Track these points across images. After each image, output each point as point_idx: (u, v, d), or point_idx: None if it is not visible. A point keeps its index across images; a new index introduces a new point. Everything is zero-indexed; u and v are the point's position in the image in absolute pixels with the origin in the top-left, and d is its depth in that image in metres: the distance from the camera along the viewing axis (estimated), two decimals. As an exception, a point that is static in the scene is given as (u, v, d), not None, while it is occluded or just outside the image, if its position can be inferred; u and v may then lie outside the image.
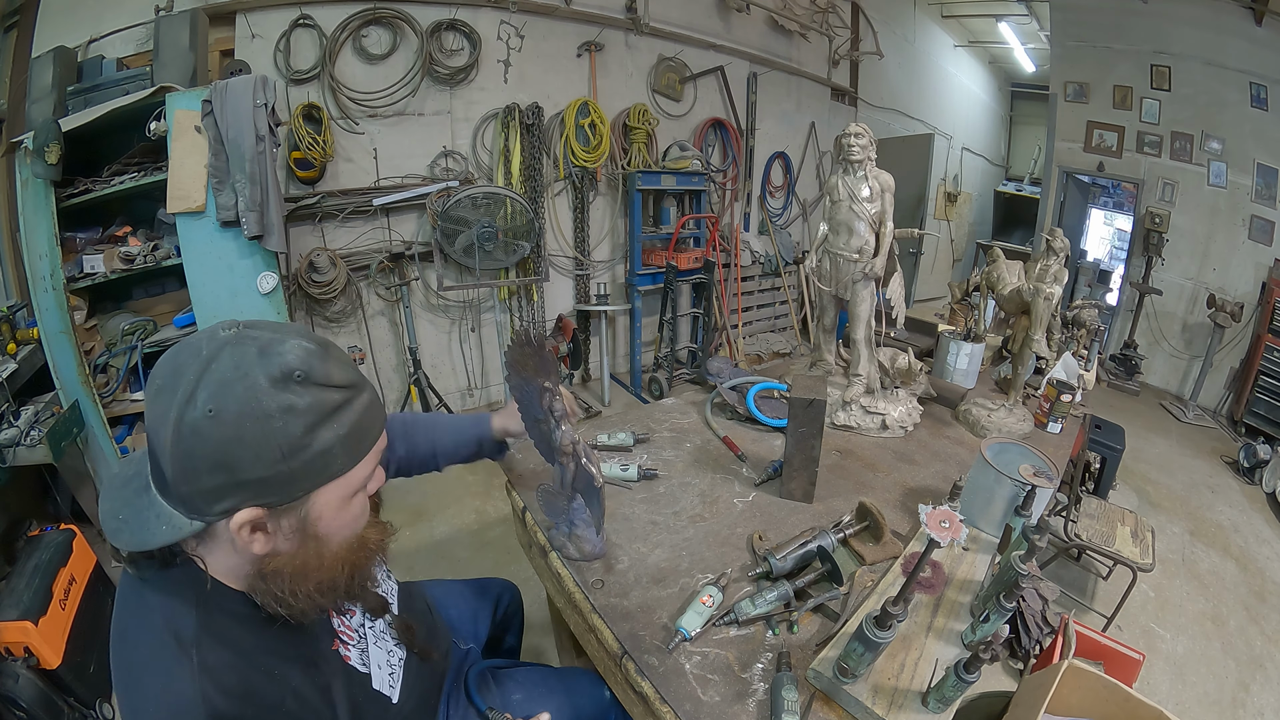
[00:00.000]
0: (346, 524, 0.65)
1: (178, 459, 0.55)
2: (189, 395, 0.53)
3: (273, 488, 0.57)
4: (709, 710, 0.87)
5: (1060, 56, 5.26)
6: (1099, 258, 6.45)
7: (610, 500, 1.32)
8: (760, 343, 4.87)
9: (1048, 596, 1.16)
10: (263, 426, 0.54)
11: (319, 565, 0.63)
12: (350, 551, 0.66)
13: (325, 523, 0.62)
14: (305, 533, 0.62)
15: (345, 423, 0.60)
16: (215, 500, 0.56)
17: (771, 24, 4.60)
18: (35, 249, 2.08)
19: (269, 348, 0.56)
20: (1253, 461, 3.56)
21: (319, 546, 0.63)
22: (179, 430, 0.53)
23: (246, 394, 0.54)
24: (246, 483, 0.55)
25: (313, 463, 0.58)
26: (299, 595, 0.62)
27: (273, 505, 0.58)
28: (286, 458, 0.56)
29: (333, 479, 0.61)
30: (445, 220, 3.09)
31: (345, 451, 0.60)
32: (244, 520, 0.57)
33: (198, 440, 0.53)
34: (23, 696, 1.46)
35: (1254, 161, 4.33)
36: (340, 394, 0.60)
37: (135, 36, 2.58)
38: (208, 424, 0.53)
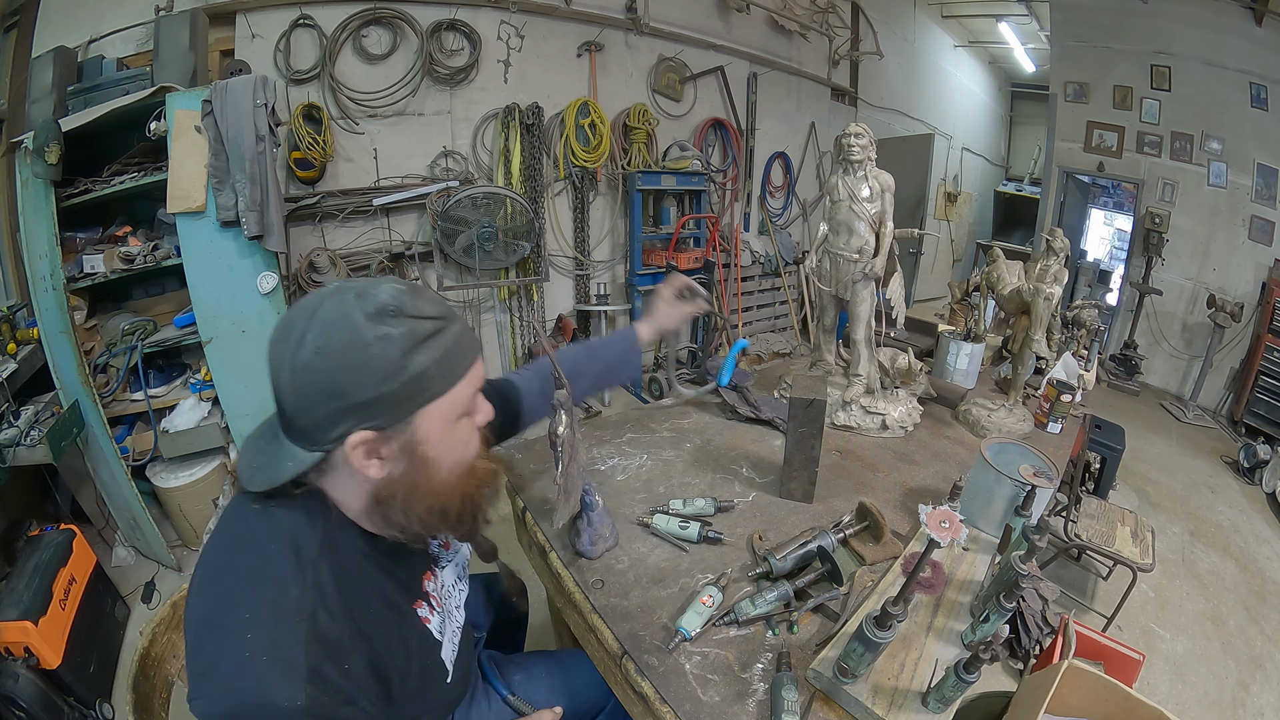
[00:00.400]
0: (454, 448, 0.70)
1: (295, 395, 0.62)
2: (300, 339, 0.61)
3: (379, 409, 0.63)
4: (709, 710, 0.87)
5: (1060, 56, 5.26)
6: (1099, 258, 6.45)
7: (610, 501, 1.32)
8: (760, 343, 4.87)
9: (1048, 596, 1.16)
10: (363, 354, 0.61)
11: (429, 488, 0.68)
12: (460, 479, 0.71)
13: (433, 445, 0.67)
14: (414, 455, 0.66)
15: (438, 347, 0.65)
16: (330, 427, 0.62)
17: (771, 24, 4.60)
18: (35, 249, 2.08)
19: (364, 291, 0.64)
20: (1253, 461, 3.56)
21: (428, 469, 0.68)
22: (294, 370, 0.61)
23: (347, 329, 0.61)
24: (355, 406, 0.62)
25: (411, 384, 0.63)
26: (412, 516, 0.68)
27: (381, 427, 0.63)
28: (387, 379, 0.62)
29: (433, 399, 0.66)
30: (445, 220, 3.09)
31: (441, 373, 0.66)
32: (357, 441, 0.63)
33: (309, 375, 0.61)
34: (23, 696, 1.46)
35: (1254, 161, 4.33)
36: (431, 324, 0.65)
37: (135, 36, 2.58)
38: (316, 359, 0.60)
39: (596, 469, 1.48)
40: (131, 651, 0.93)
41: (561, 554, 1.18)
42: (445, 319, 0.67)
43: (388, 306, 0.62)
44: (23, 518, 2.14)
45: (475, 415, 0.73)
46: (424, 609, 0.80)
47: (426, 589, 0.81)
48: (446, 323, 0.67)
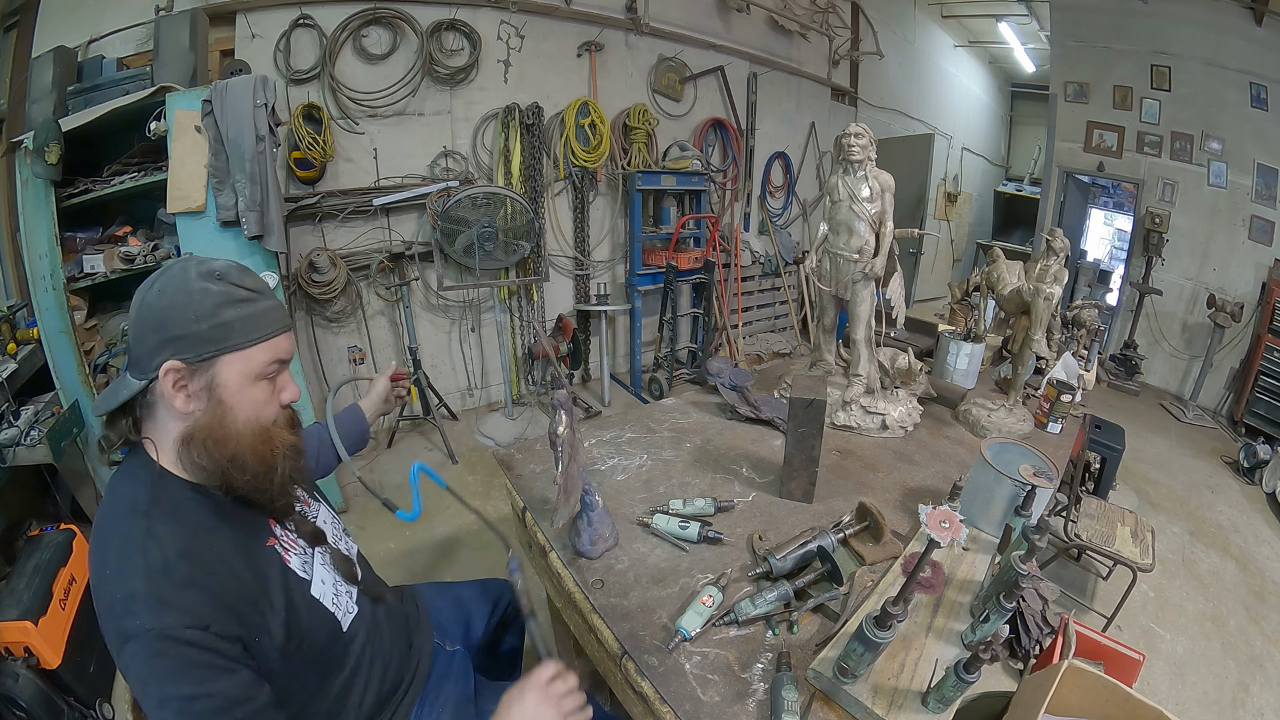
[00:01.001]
0: (249, 404, 0.80)
1: (135, 326, 0.77)
2: (150, 284, 0.78)
3: (188, 343, 0.75)
4: (709, 710, 0.87)
5: (1060, 56, 5.26)
6: (1099, 258, 6.45)
7: (611, 501, 1.33)
8: (760, 343, 4.87)
9: (1048, 596, 1.16)
10: (186, 298, 0.75)
11: (223, 432, 0.77)
12: (255, 435, 0.80)
13: (229, 392, 0.78)
14: (213, 395, 0.77)
15: (246, 310, 0.78)
16: (153, 355, 0.75)
17: (771, 24, 4.60)
18: (35, 249, 2.08)
19: (204, 260, 0.80)
20: (1253, 461, 3.56)
21: (224, 413, 0.78)
22: (139, 306, 0.77)
23: (181, 279, 0.77)
24: (171, 338, 0.74)
25: (216, 329, 0.76)
26: (211, 458, 0.76)
27: (188, 360, 0.75)
28: (198, 320, 0.75)
29: (233, 349, 0.77)
30: (445, 220, 3.09)
31: (243, 329, 0.78)
32: (168, 368, 0.74)
33: (147, 310, 0.76)
34: (23, 696, 1.46)
35: (1254, 161, 4.33)
36: (245, 293, 0.79)
37: (135, 36, 2.58)
38: (154, 296, 0.76)
39: (596, 469, 1.48)
40: (131, 651, 0.93)
41: (561, 554, 1.18)
42: (259, 293, 0.81)
43: (214, 271, 0.78)
44: (23, 518, 2.14)
45: (279, 388, 0.84)
46: (279, 548, 0.86)
47: (274, 532, 0.87)
48: (259, 296, 0.81)
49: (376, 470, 3.13)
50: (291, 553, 0.87)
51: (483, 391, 3.92)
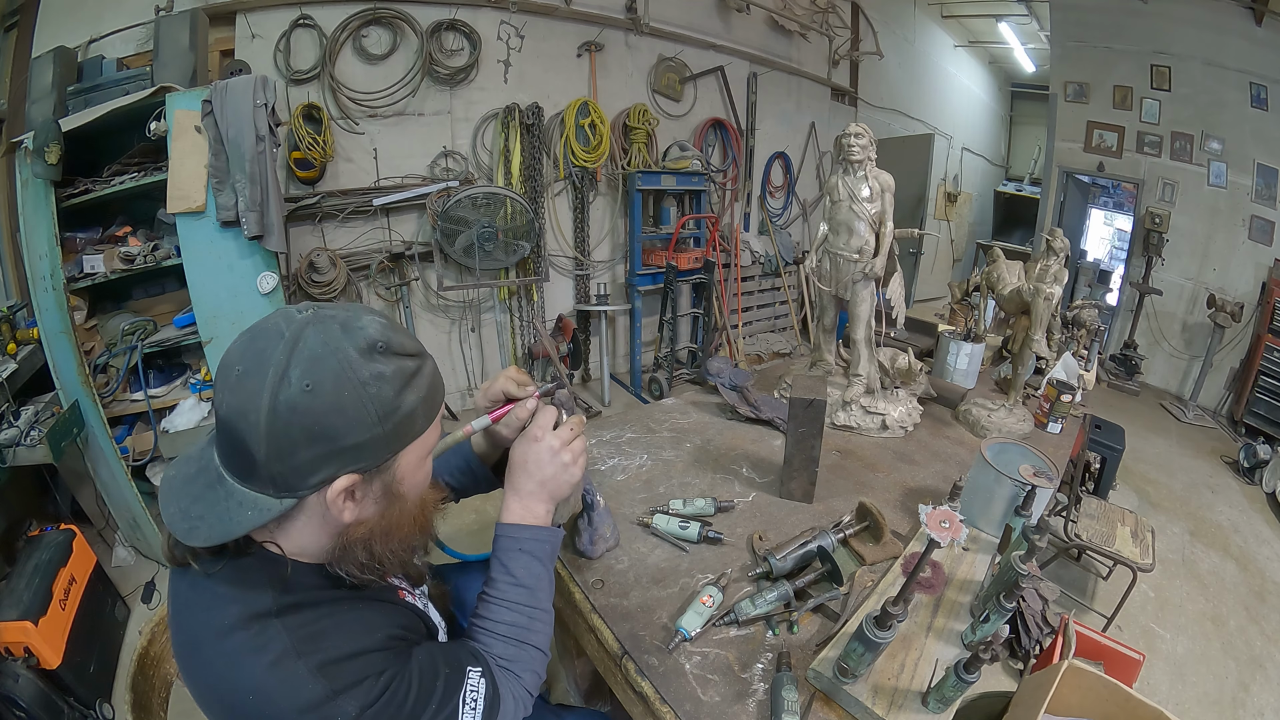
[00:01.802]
0: (421, 482, 0.70)
1: (273, 438, 0.56)
2: (281, 374, 0.56)
3: (368, 451, 0.60)
4: (709, 710, 0.87)
5: (1060, 56, 5.26)
6: (1099, 258, 6.45)
7: (610, 500, 1.32)
8: (760, 343, 4.87)
9: (1048, 596, 1.16)
10: (359, 393, 0.58)
11: (400, 524, 0.67)
12: (421, 509, 0.71)
13: (406, 482, 0.67)
14: (390, 494, 0.65)
15: (422, 385, 0.65)
16: (311, 473, 0.58)
17: (771, 24, 4.60)
18: (35, 249, 2.07)
19: (349, 324, 0.60)
20: (1253, 461, 3.56)
21: (401, 506, 0.67)
22: (274, 409, 0.55)
23: (341, 366, 0.57)
24: (345, 449, 0.58)
25: (401, 424, 0.62)
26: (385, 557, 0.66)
27: (366, 470, 0.61)
28: (381, 421, 0.60)
29: (415, 438, 0.65)
30: (445, 220, 3.09)
31: (425, 412, 0.65)
32: (342, 488, 0.59)
33: (295, 415, 0.56)
34: (23, 696, 1.46)
35: (1254, 161, 4.33)
36: (414, 361, 0.64)
37: (135, 36, 2.58)
38: (305, 398, 0.56)
39: (596, 469, 1.48)
40: (131, 651, 0.93)
41: (561, 554, 1.18)
42: (423, 356, 0.66)
43: (377, 342, 0.60)
44: (23, 518, 2.14)
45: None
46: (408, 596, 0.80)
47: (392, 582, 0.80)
48: (424, 360, 0.66)
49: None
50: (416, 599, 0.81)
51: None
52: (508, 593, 0.80)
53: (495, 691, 0.71)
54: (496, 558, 0.83)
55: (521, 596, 0.80)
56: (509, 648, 0.77)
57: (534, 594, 0.81)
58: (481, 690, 0.70)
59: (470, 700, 0.68)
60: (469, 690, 0.69)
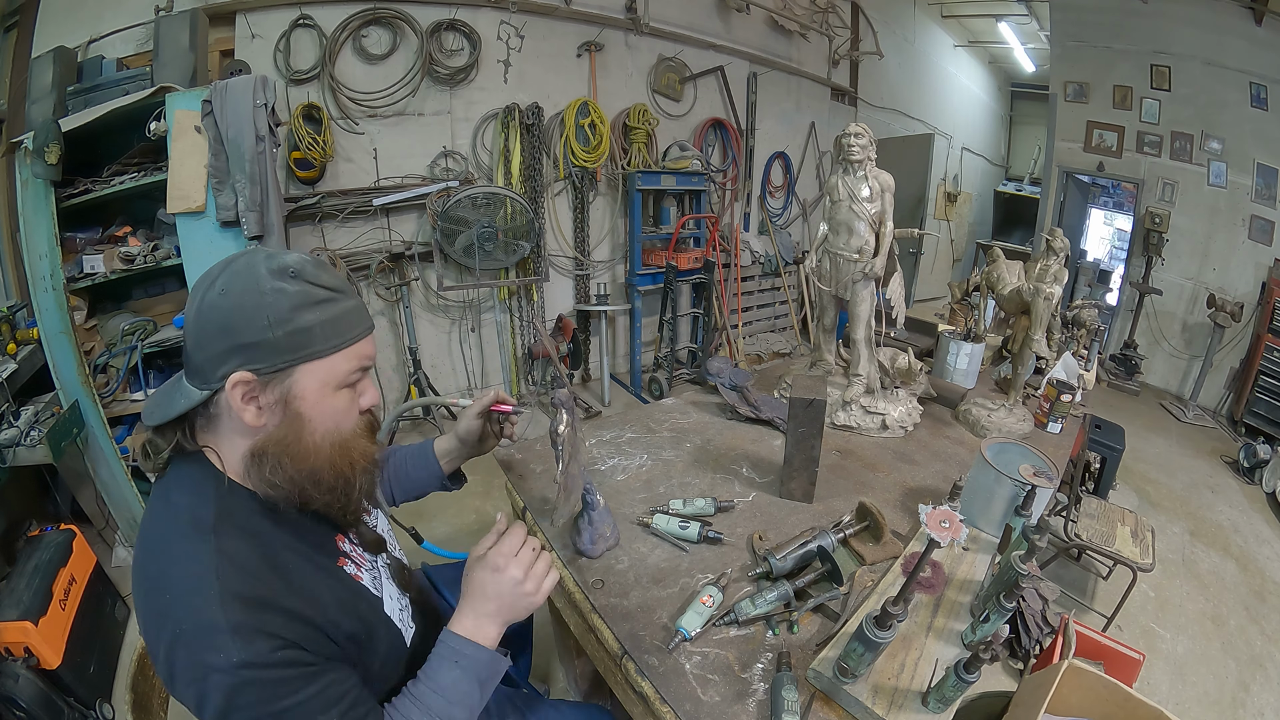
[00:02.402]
0: (328, 414, 0.73)
1: (196, 331, 0.68)
2: (211, 282, 0.68)
3: (261, 352, 0.67)
4: (709, 710, 0.87)
5: (1060, 56, 5.26)
6: (1099, 258, 6.45)
7: (610, 500, 1.33)
8: (760, 343, 4.87)
9: (1048, 596, 1.16)
10: (257, 300, 0.67)
11: (299, 446, 0.71)
12: (333, 448, 0.74)
13: (307, 403, 0.71)
14: (288, 408, 0.70)
15: (327, 312, 0.71)
16: (219, 364, 0.67)
17: (771, 24, 4.60)
18: (35, 249, 2.07)
19: (274, 254, 0.71)
20: (1253, 461, 3.56)
21: (300, 426, 0.71)
22: (200, 308, 0.68)
23: (250, 277, 0.68)
24: (241, 345, 0.67)
25: (294, 336, 0.68)
26: (284, 474, 0.70)
27: (261, 371, 0.68)
28: (272, 326, 0.67)
29: (312, 358, 0.70)
30: (445, 220, 3.09)
31: (323, 335, 0.70)
32: (237, 379, 0.67)
33: (212, 312, 0.67)
34: (23, 696, 1.46)
35: (1254, 161, 4.33)
36: (325, 292, 0.71)
37: (135, 36, 2.58)
38: (220, 299, 0.67)
39: (596, 469, 1.48)
40: (131, 651, 0.93)
41: (561, 553, 1.18)
42: (340, 291, 0.73)
43: (289, 268, 0.69)
44: (23, 518, 2.14)
45: (360, 394, 0.78)
46: (350, 566, 0.80)
47: (342, 549, 0.81)
48: (340, 295, 0.73)
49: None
50: (362, 568, 0.82)
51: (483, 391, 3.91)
52: (425, 697, 0.77)
53: None
54: (430, 661, 0.81)
55: (437, 706, 0.77)
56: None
57: (450, 709, 0.77)
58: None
59: None
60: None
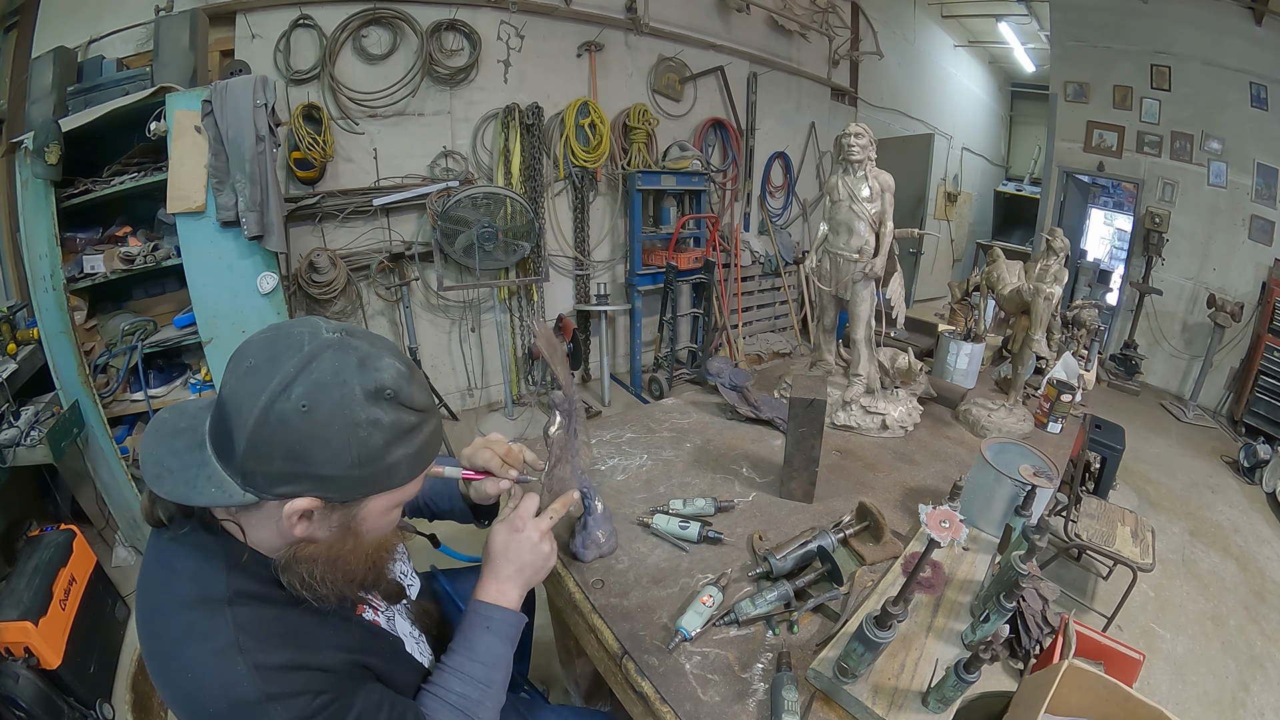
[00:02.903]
0: (383, 528, 0.71)
1: (255, 439, 0.58)
2: (285, 385, 0.57)
3: (338, 487, 0.61)
4: (709, 710, 0.87)
5: (1060, 56, 5.26)
6: (1099, 258, 6.45)
7: (611, 501, 1.33)
8: (760, 343, 4.87)
9: (1048, 596, 1.16)
10: (349, 433, 0.59)
11: (348, 560, 0.67)
12: (376, 550, 0.71)
13: (368, 524, 0.67)
14: (348, 529, 0.66)
15: (415, 443, 0.65)
16: (279, 483, 0.60)
17: (771, 24, 4.60)
18: (35, 249, 2.07)
19: (367, 361, 0.61)
20: (1253, 461, 3.56)
21: (356, 543, 0.67)
22: (266, 414, 0.57)
23: (342, 400, 0.58)
24: (316, 477, 0.59)
25: (380, 474, 0.62)
26: (325, 583, 0.65)
27: (331, 501, 0.62)
28: (360, 464, 0.60)
29: (391, 489, 0.65)
30: (445, 220, 3.09)
31: (409, 469, 0.65)
32: (300, 508, 0.61)
33: (282, 428, 0.57)
34: (23, 696, 1.46)
35: (1254, 161, 4.33)
36: (417, 417, 0.64)
37: (135, 36, 2.58)
38: (297, 417, 0.57)
39: (596, 469, 1.48)
40: (131, 652, 0.93)
41: (561, 554, 1.18)
42: (428, 413, 0.66)
43: (386, 389, 0.61)
44: (23, 518, 2.14)
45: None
46: (368, 613, 0.79)
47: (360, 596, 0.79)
48: (428, 418, 0.66)
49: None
50: (379, 613, 0.81)
51: (483, 392, 3.91)
52: (465, 665, 0.80)
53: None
54: (462, 631, 0.83)
55: (478, 672, 0.80)
56: (454, 717, 0.77)
57: (490, 672, 0.81)
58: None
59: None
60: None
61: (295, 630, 0.65)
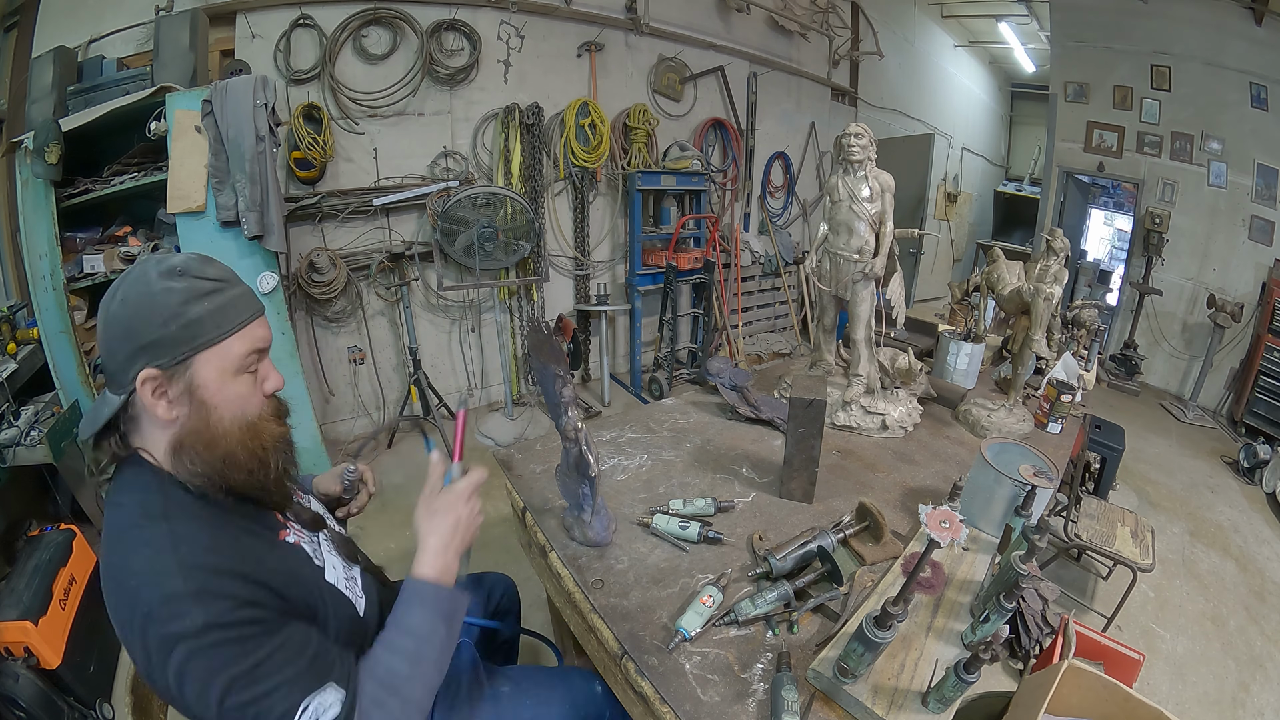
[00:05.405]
0: (231, 399, 0.78)
1: (105, 340, 0.74)
2: (113, 295, 0.74)
3: (160, 348, 0.72)
4: (709, 710, 0.87)
5: (1060, 56, 5.26)
6: (1099, 258, 6.45)
7: (611, 501, 1.33)
8: (760, 343, 4.87)
9: (1048, 596, 1.16)
10: (150, 300, 0.73)
11: (210, 434, 0.75)
12: (243, 431, 0.78)
13: (209, 391, 0.76)
14: (194, 398, 0.75)
15: (214, 302, 0.76)
16: (128, 367, 0.72)
17: (771, 24, 4.60)
18: (35, 249, 2.08)
19: (163, 259, 0.76)
20: (1253, 461, 3.56)
21: (207, 414, 0.76)
22: (106, 320, 0.74)
23: (142, 282, 0.74)
24: (143, 346, 0.72)
25: (187, 327, 0.73)
26: (204, 462, 0.75)
27: (164, 366, 0.73)
28: (166, 322, 0.72)
29: (207, 346, 0.75)
30: (445, 220, 3.09)
31: (214, 323, 0.75)
32: (144, 377, 0.72)
33: (115, 321, 0.73)
34: (23, 696, 1.46)
35: (1254, 161, 4.33)
36: (211, 284, 0.76)
37: (135, 36, 2.58)
38: (120, 307, 0.73)
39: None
40: (131, 651, 0.93)
41: (561, 553, 1.18)
42: (225, 281, 0.78)
43: (175, 267, 0.75)
44: (23, 518, 2.14)
45: (261, 378, 0.82)
46: (291, 535, 0.85)
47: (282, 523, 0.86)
48: (226, 284, 0.78)
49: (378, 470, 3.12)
50: (302, 541, 0.86)
51: (483, 391, 3.91)
52: (395, 639, 0.82)
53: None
54: (395, 608, 0.86)
55: (407, 646, 0.81)
56: (379, 691, 0.77)
57: (420, 646, 0.82)
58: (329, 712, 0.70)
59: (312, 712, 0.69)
60: (316, 702, 0.70)
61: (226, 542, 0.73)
